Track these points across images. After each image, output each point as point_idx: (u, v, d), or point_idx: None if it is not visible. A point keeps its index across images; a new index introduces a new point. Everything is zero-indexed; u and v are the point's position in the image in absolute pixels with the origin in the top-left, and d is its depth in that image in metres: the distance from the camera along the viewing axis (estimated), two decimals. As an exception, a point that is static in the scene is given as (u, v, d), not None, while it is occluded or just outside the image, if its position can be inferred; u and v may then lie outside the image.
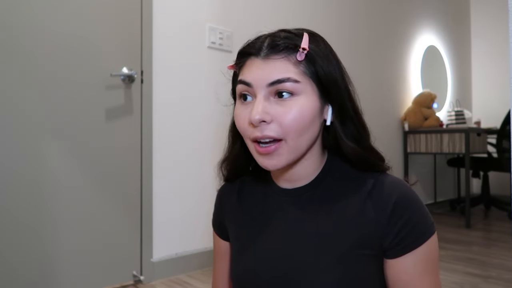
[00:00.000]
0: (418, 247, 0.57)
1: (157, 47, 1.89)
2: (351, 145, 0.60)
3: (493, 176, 3.95)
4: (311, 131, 0.59)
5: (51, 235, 1.58)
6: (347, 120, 0.61)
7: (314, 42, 0.59)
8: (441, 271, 2.02)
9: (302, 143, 0.58)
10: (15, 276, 1.49)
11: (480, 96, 4.72)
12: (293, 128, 0.56)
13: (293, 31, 0.60)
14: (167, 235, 1.92)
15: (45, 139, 1.57)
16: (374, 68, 3.29)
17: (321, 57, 0.59)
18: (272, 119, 0.56)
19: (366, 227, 0.58)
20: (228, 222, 0.73)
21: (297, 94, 0.57)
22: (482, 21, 4.73)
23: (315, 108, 0.58)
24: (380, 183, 0.60)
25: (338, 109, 0.60)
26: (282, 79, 0.56)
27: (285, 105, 0.56)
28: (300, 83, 0.56)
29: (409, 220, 0.57)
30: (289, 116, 0.56)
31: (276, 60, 0.57)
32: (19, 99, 1.51)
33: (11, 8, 1.50)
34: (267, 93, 0.57)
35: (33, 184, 1.54)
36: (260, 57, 0.58)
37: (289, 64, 0.57)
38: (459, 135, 3.14)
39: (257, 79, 0.57)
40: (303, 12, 2.67)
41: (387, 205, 0.58)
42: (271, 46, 0.58)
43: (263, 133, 0.57)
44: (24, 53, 1.52)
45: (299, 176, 0.64)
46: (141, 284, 1.81)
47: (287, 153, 0.58)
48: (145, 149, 1.85)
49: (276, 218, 0.65)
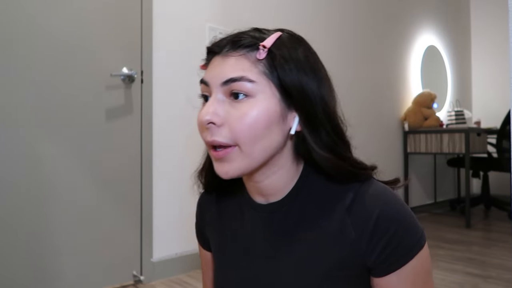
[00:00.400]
0: (405, 264, 0.52)
1: (157, 47, 1.89)
2: (325, 155, 0.54)
3: (493, 176, 3.95)
4: (268, 139, 0.53)
5: (51, 235, 1.58)
6: (320, 128, 0.54)
7: (288, 45, 0.55)
8: (441, 271, 2.02)
9: (258, 151, 0.53)
10: (15, 276, 1.49)
11: (480, 96, 4.72)
12: (244, 134, 0.51)
13: (266, 31, 0.56)
14: (167, 235, 1.92)
15: (45, 139, 1.57)
16: (374, 68, 3.29)
17: (289, 61, 0.53)
18: (223, 123, 0.52)
19: (346, 247, 0.53)
20: (209, 233, 0.70)
21: (253, 95, 0.52)
22: (482, 21, 4.73)
23: (273, 113, 0.52)
24: (360, 196, 0.54)
25: (306, 117, 0.54)
26: (235, 78, 0.51)
27: (238, 107, 0.52)
28: (255, 83, 0.51)
29: (393, 237, 0.51)
30: (241, 120, 0.51)
31: (233, 57, 0.53)
32: (19, 99, 1.51)
33: (11, 8, 1.50)
34: (222, 93, 0.53)
35: (33, 184, 1.54)
36: (220, 55, 0.54)
37: (246, 62, 0.52)
38: (459, 135, 3.14)
39: (213, 77, 0.54)
40: (304, 12, 2.67)
41: (368, 222, 0.52)
42: (232, 43, 0.54)
43: (212, 138, 0.53)
44: (24, 53, 1.52)
45: (270, 190, 0.58)
46: (141, 284, 1.81)
47: (239, 160, 0.53)
48: (145, 149, 1.85)
49: (254, 234, 0.61)
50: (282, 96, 0.53)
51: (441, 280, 1.89)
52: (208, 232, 0.70)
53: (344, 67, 2.98)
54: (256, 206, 0.61)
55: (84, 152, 1.67)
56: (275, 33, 0.55)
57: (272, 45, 0.53)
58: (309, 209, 0.57)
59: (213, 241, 0.68)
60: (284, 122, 0.54)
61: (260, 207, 0.60)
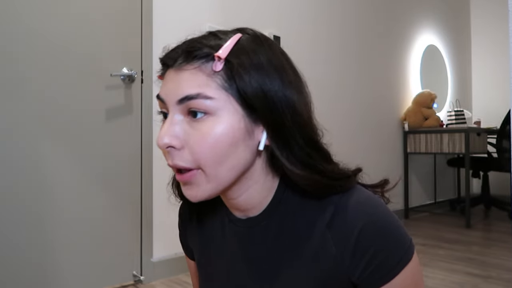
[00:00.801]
0: (392, 279, 0.49)
1: (157, 47, 1.89)
2: (298, 172, 0.49)
3: (493, 176, 3.95)
4: (234, 158, 0.48)
5: (51, 235, 1.58)
6: (291, 142, 0.49)
7: (248, 49, 0.49)
8: (441, 271, 2.02)
9: (224, 172, 0.48)
10: (15, 276, 1.49)
11: (480, 96, 4.72)
12: (206, 156, 0.47)
13: (223, 34, 0.50)
14: (167, 235, 1.92)
15: (45, 138, 1.57)
16: (374, 68, 3.29)
17: (249, 70, 0.47)
18: (183, 145, 0.48)
19: (329, 263, 0.50)
20: (191, 244, 0.68)
21: (213, 113, 0.47)
22: (482, 21, 4.73)
23: (236, 130, 0.47)
24: (341, 209, 0.51)
25: (273, 131, 0.49)
26: (190, 95, 0.46)
27: (198, 127, 0.47)
28: (214, 100, 0.46)
29: (376, 253, 0.48)
30: (202, 142, 0.47)
31: (188, 71, 0.47)
32: (19, 99, 1.51)
33: (11, 8, 1.50)
34: (179, 111, 0.48)
35: (33, 184, 1.54)
36: (174, 68, 0.49)
37: (202, 76, 0.47)
38: (459, 135, 3.14)
39: (168, 94, 0.49)
40: (304, 12, 2.67)
41: (349, 238, 0.49)
42: (185, 54, 0.48)
43: (173, 162, 0.49)
44: (24, 53, 1.52)
45: (247, 205, 0.55)
46: (141, 284, 1.81)
47: (205, 183, 0.49)
48: (145, 149, 1.85)
49: (234, 248, 0.58)
50: (246, 110, 0.48)
51: (441, 280, 1.89)
52: (190, 242, 0.68)
53: (344, 67, 2.98)
54: (235, 221, 0.58)
55: (84, 152, 1.67)
56: (233, 37, 0.49)
57: (229, 53, 0.47)
58: (288, 224, 0.54)
59: (196, 253, 0.66)
60: (251, 137, 0.49)
61: (239, 221, 0.57)
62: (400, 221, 0.52)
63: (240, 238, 0.58)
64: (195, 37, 0.51)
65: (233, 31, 0.52)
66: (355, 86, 3.08)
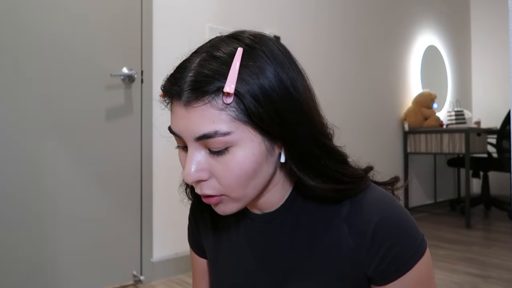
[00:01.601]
0: (406, 273, 0.50)
1: (157, 47, 1.89)
2: (317, 186, 0.50)
3: (493, 176, 3.95)
4: (258, 178, 0.50)
5: (51, 235, 1.58)
6: (307, 158, 0.50)
7: (255, 69, 0.46)
8: (441, 271, 2.02)
9: (249, 192, 0.50)
10: (15, 276, 1.49)
11: (480, 96, 4.72)
12: (234, 185, 0.48)
13: (221, 53, 0.47)
14: (167, 235, 1.92)
15: (45, 139, 1.57)
16: (374, 68, 3.29)
17: (260, 96, 0.46)
18: (210, 176, 0.49)
19: (345, 257, 0.52)
20: (204, 241, 0.67)
21: (233, 145, 0.47)
22: (482, 21, 4.73)
23: (258, 155, 0.48)
24: (357, 205, 0.52)
25: (289, 148, 0.49)
26: (208, 134, 0.46)
27: (221, 160, 0.47)
28: (231, 134, 0.46)
29: (392, 246, 0.50)
30: (227, 173, 0.47)
31: (199, 108, 0.46)
32: (19, 99, 1.51)
33: (11, 8, 1.50)
34: (199, 145, 0.48)
35: (32, 184, 1.54)
36: (182, 102, 0.47)
37: (214, 112, 0.45)
38: (459, 135, 3.14)
39: (183, 131, 0.48)
40: (304, 12, 2.67)
41: (366, 231, 0.50)
42: (192, 89, 0.46)
43: (202, 192, 0.50)
44: (24, 53, 1.52)
45: (266, 204, 0.56)
46: (141, 284, 1.81)
47: (233, 203, 0.51)
48: (145, 149, 1.85)
49: (250, 244, 0.59)
50: (264, 134, 0.48)
51: (441, 280, 1.89)
52: (203, 239, 0.68)
53: (344, 67, 2.98)
54: (252, 216, 0.59)
55: (84, 152, 1.67)
56: (235, 61, 0.46)
57: (237, 81, 0.45)
58: (305, 218, 0.55)
59: (208, 251, 0.67)
60: (272, 154, 0.50)
61: (256, 216, 0.59)
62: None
63: (256, 234, 0.58)
64: (194, 61, 0.48)
65: (229, 40, 0.49)
66: (355, 86, 3.08)
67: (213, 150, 0.47)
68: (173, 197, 1.95)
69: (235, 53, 0.47)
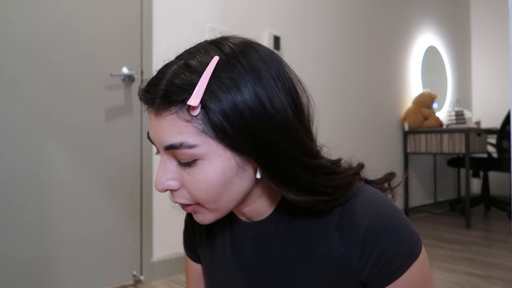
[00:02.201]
0: (401, 276, 0.49)
1: (157, 47, 1.89)
2: (295, 198, 0.48)
3: (493, 176, 3.95)
4: (231, 192, 0.48)
5: (51, 235, 1.58)
6: (285, 173, 0.47)
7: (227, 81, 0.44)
8: (441, 271, 2.02)
9: (224, 204, 0.49)
10: (15, 276, 1.49)
11: (480, 96, 4.72)
12: (203, 198, 0.48)
13: (196, 64, 0.45)
14: (167, 235, 1.92)
15: (45, 139, 1.57)
16: (374, 68, 3.29)
17: (226, 108, 0.43)
18: (180, 186, 0.49)
19: (337, 265, 0.51)
20: (199, 247, 0.67)
21: (200, 158, 0.46)
22: (482, 21, 4.73)
23: (227, 171, 0.46)
24: (349, 209, 0.51)
25: (264, 166, 0.47)
26: (174, 145, 0.45)
27: (190, 172, 0.47)
28: (197, 147, 0.45)
29: (384, 250, 0.48)
30: (196, 186, 0.47)
31: (167, 118, 0.45)
32: (19, 99, 1.51)
33: (11, 8, 1.50)
34: (170, 155, 0.48)
35: (32, 184, 1.54)
36: (153, 111, 0.47)
37: (181, 123, 0.44)
38: (459, 135, 3.14)
39: (155, 139, 0.48)
40: (303, 12, 2.67)
41: (357, 236, 0.49)
42: (161, 97, 0.45)
43: (175, 200, 0.50)
44: (23, 53, 1.52)
45: (254, 213, 0.55)
46: (141, 284, 1.81)
47: (209, 213, 0.50)
48: (145, 149, 1.85)
49: (242, 254, 0.58)
50: (233, 150, 0.46)
51: (441, 280, 1.89)
52: (198, 244, 0.67)
53: (344, 67, 2.98)
54: (243, 224, 0.58)
55: (84, 152, 1.67)
56: (208, 67, 0.44)
57: (204, 93, 0.43)
58: (296, 227, 0.54)
59: (203, 257, 0.66)
60: (245, 169, 0.48)
61: (246, 225, 0.58)
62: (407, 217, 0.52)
63: (250, 242, 0.57)
64: (170, 68, 0.47)
65: (210, 46, 0.48)
66: (356, 86, 3.08)
67: (181, 162, 0.47)
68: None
69: (209, 62, 0.45)
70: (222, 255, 0.61)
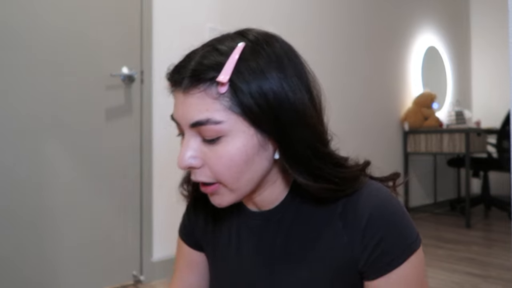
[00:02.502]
0: (395, 268, 0.50)
1: (157, 47, 1.89)
2: (307, 183, 0.50)
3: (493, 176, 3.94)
4: (251, 172, 0.50)
5: (51, 235, 1.58)
6: (299, 157, 0.50)
7: (252, 63, 0.48)
8: (441, 271, 2.02)
9: (243, 185, 0.51)
10: (15, 276, 1.49)
11: (480, 96, 4.72)
12: (225, 175, 0.49)
13: (224, 47, 0.49)
14: (167, 235, 1.92)
15: (45, 139, 1.57)
16: (374, 68, 3.29)
17: (253, 86, 0.47)
18: (203, 163, 0.50)
19: (339, 253, 0.52)
20: (201, 236, 0.67)
21: (225, 135, 0.48)
22: (482, 21, 4.73)
23: (250, 148, 0.49)
24: (353, 201, 0.53)
25: (282, 146, 0.50)
26: (201, 121, 0.47)
27: (213, 148, 0.49)
28: (223, 123, 0.47)
29: (382, 239, 0.50)
30: (218, 162, 0.49)
31: (194, 96, 0.47)
32: (19, 99, 1.51)
33: (11, 8, 1.50)
34: (194, 133, 0.49)
35: (32, 184, 1.54)
36: (181, 89, 0.49)
37: (208, 100, 0.47)
38: (459, 135, 3.14)
39: (180, 118, 0.50)
40: (304, 12, 2.67)
41: (359, 225, 0.51)
42: (190, 76, 0.47)
43: (196, 178, 0.51)
44: (24, 53, 1.52)
45: (263, 202, 0.57)
46: (141, 284, 1.81)
47: (228, 194, 0.52)
48: (145, 149, 1.85)
49: (249, 242, 0.60)
50: (256, 128, 0.48)
51: (441, 280, 1.89)
52: (200, 234, 0.67)
53: (344, 67, 2.98)
54: (251, 214, 0.60)
55: (84, 152, 1.67)
56: (233, 54, 0.47)
57: (232, 72, 0.46)
58: (302, 216, 0.56)
59: (207, 248, 0.66)
60: (266, 149, 0.50)
61: (254, 215, 0.59)
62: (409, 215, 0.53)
63: (255, 232, 0.59)
64: (198, 52, 0.50)
65: (235, 36, 0.51)
66: (356, 86, 3.08)
67: (206, 138, 0.49)
68: (173, 197, 1.95)
69: (230, 53, 0.48)
70: (227, 246, 0.62)
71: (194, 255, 0.69)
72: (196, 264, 0.69)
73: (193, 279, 0.69)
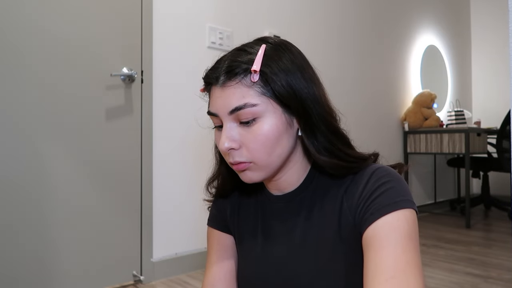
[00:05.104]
0: (380, 217, 0.54)
1: (157, 47, 1.89)
2: (322, 158, 0.60)
3: (493, 176, 3.95)
4: (281, 147, 0.60)
5: (51, 235, 1.58)
6: (316, 132, 0.60)
7: (275, 57, 0.59)
8: (441, 271, 2.02)
9: (273, 160, 0.60)
10: (15, 276, 1.49)
11: (480, 96, 4.72)
12: (261, 152, 0.58)
13: (250, 48, 0.60)
14: (167, 235, 1.92)
15: (45, 139, 1.57)
16: (374, 68, 3.29)
17: (279, 74, 0.58)
18: (241, 145, 0.59)
19: (341, 217, 0.61)
20: (230, 223, 0.74)
21: (259, 116, 0.58)
22: (482, 21, 4.73)
23: (280, 125, 0.59)
24: (357, 174, 0.61)
25: (304, 122, 0.60)
26: (239, 106, 0.57)
27: (249, 130, 0.58)
28: (258, 106, 0.57)
29: (375, 192, 0.57)
30: (255, 141, 0.58)
31: (231, 87, 0.58)
32: (20, 99, 1.51)
33: (11, 8, 1.50)
34: (232, 119, 0.59)
35: (33, 184, 1.54)
36: (219, 85, 0.59)
37: (244, 88, 0.57)
38: (459, 135, 3.14)
39: (219, 109, 0.59)
40: (304, 12, 2.67)
41: (358, 189, 0.59)
42: (226, 72, 0.58)
43: (234, 159, 0.60)
44: (24, 53, 1.52)
45: (287, 184, 0.66)
46: (141, 284, 1.81)
47: (259, 170, 0.60)
48: (145, 149, 1.85)
49: (274, 224, 0.68)
50: (283, 107, 0.59)
51: (441, 280, 1.89)
52: (229, 222, 0.74)
53: (344, 67, 2.98)
54: (274, 198, 0.68)
55: (84, 152, 1.67)
56: (260, 48, 0.59)
57: (261, 65, 0.57)
58: (318, 197, 0.64)
59: (235, 234, 0.73)
60: (291, 127, 0.61)
61: (278, 198, 0.67)
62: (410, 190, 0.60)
63: (278, 214, 0.67)
64: (228, 56, 0.60)
65: (256, 42, 0.62)
66: (355, 86, 3.08)
67: (243, 121, 0.58)
68: (173, 197, 1.95)
69: (257, 50, 0.59)
70: (252, 231, 0.70)
71: (226, 239, 0.75)
72: (230, 248, 0.75)
73: (231, 265, 0.73)
